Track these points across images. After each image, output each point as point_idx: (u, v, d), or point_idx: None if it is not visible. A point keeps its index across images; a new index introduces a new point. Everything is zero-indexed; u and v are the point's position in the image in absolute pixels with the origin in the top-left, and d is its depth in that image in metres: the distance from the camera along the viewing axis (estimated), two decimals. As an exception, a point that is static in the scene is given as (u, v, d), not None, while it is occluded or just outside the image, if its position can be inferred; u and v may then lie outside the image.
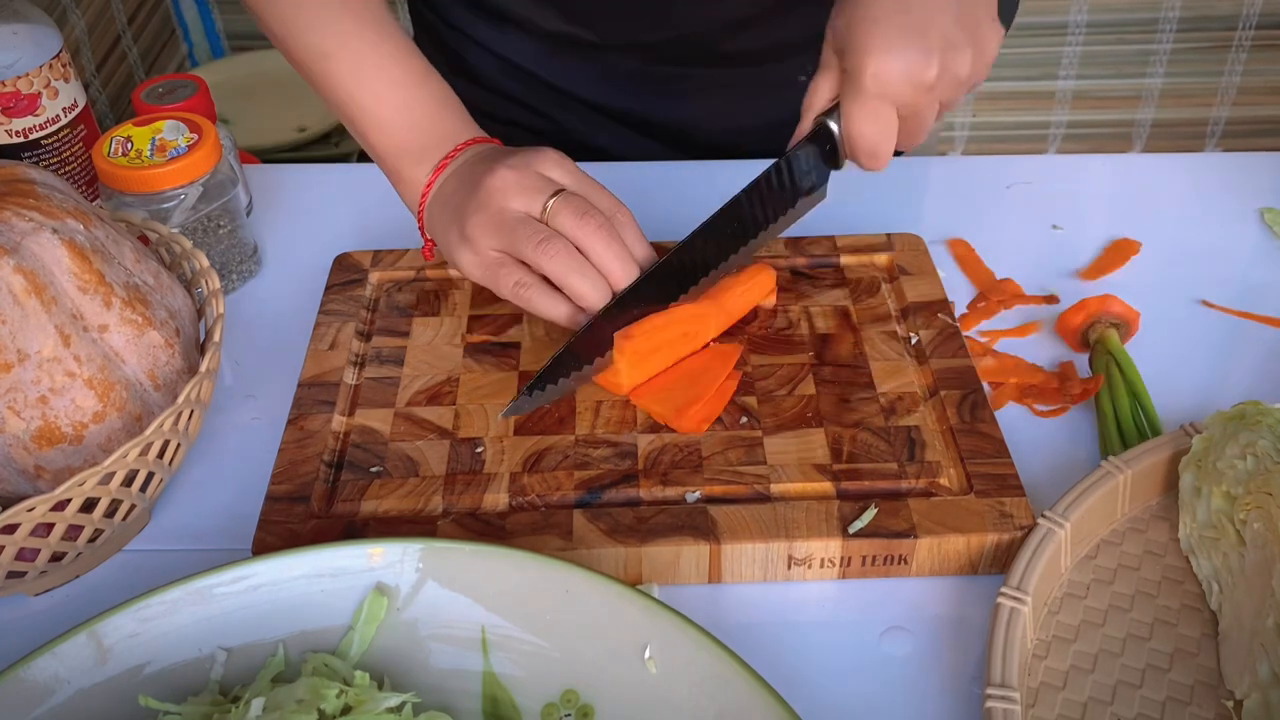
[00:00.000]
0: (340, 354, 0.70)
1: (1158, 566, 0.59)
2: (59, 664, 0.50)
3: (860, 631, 0.58)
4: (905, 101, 0.61)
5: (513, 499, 0.61)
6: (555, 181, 0.65)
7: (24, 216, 0.58)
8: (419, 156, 0.70)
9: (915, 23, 0.59)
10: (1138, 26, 2.07)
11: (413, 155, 0.70)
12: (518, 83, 0.93)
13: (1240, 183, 0.88)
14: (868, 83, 0.60)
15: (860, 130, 0.62)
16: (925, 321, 0.71)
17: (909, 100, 0.61)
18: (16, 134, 0.79)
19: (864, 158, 0.64)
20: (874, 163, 0.64)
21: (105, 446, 0.59)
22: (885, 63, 0.59)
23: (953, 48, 0.60)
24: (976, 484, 0.60)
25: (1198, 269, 0.80)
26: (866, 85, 0.60)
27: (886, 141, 0.62)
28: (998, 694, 0.51)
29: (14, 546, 0.56)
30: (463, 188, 0.67)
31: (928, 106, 0.62)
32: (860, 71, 0.60)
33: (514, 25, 0.90)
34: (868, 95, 0.60)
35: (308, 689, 0.49)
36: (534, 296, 0.65)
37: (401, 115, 0.70)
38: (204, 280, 0.67)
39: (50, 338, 0.57)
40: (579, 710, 0.52)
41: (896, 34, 0.59)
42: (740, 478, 0.61)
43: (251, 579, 0.53)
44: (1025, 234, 0.83)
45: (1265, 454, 0.55)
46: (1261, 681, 0.51)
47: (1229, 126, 2.17)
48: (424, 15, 0.96)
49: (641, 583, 0.59)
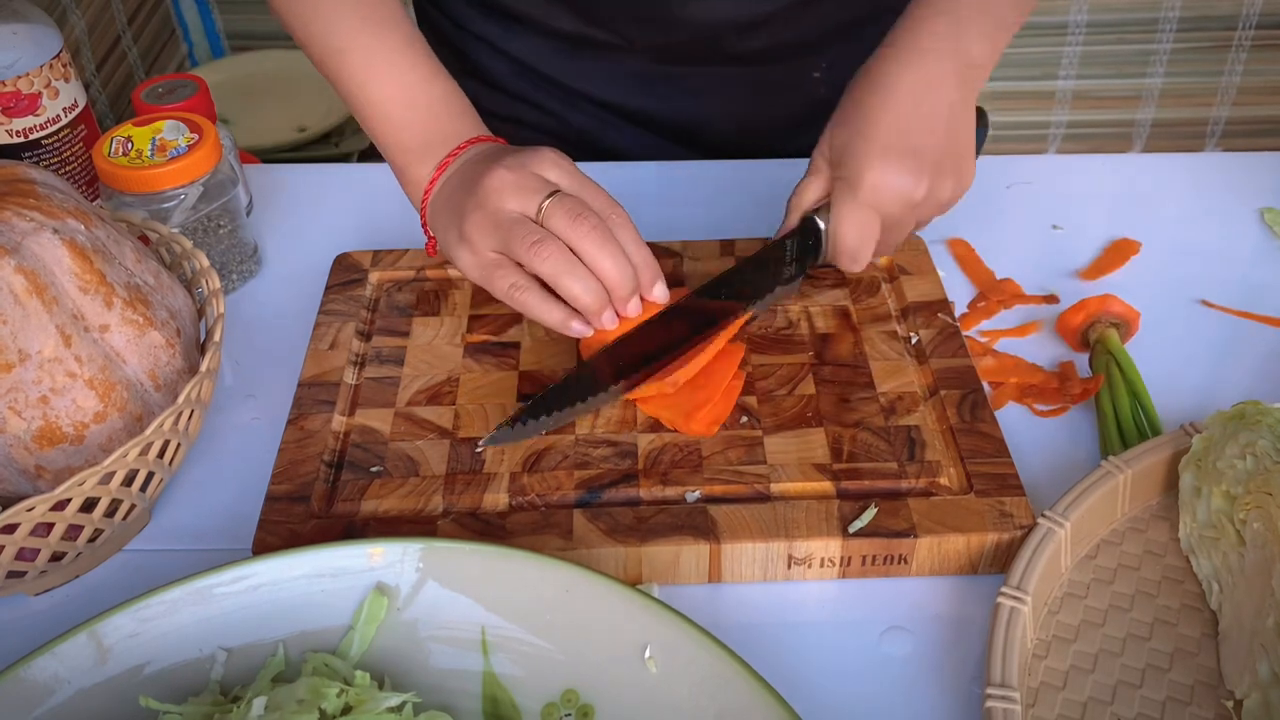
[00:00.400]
0: (340, 354, 0.70)
1: (1158, 566, 0.59)
2: (59, 664, 0.50)
3: (860, 631, 0.58)
4: (892, 214, 0.67)
5: (513, 499, 0.61)
6: (551, 182, 0.65)
7: (25, 216, 0.58)
8: (423, 154, 0.71)
9: (912, 146, 0.66)
10: (1138, 26, 2.07)
11: (417, 153, 0.71)
12: (525, 82, 0.93)
13: (1240, 183, 0.88)
14: (863, 193, 0.66)
15: (848, 234, 0.68)
16: (925, 321, 0.71)
17: (895, 214, 0.67)
18: (16, 134, 0.79)
19: (845, 259, 0.69)
20: (853, 265, 0.69)
21: (106, 446, 0.59)
22: (882, 178, 0.66)
23: (940, 174, 0.67)
24: (976, 484, 0.60)
25: (1198, 269, 0.80)
26: (861, 195, 0.66)
27: (868, 247, 0.68)
28: (998, 694, 0.51)
29: (14, 546, 0.56)
30: (462, 187, 0.67)
31: (909, 222, 0.69)
32: (857, 182, 0.66)
33: (523, 24, 0.90)
34: (860, 204, 0.67)
35: (308, 689, 0.49)
36: (528, 299, 0.65)
37: (407, 113, 0.71)
38: (204, 280, 0.67)
39: (51, 338, 0.57)
40: (579, 710, 0.52)
41: (894, 154, 0.66)
42: (740, 477, 0.61)
43: (251, 579, 0.53)
44: (1025, 234, 0.83)
45: (1265, 454, 0.55)
46: (1261, 681, 0.51)
47: (1229, 126, 2.17)
48: (431, 15, 0.96)
49: (641, 583, 0.60)
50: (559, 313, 0.65)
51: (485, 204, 0.65)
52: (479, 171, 0.66)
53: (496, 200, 0.65)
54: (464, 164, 0.69)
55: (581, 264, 0.64)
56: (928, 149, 0.66)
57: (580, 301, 0.64)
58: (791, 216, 0.71)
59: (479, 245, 0.66)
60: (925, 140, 0.66)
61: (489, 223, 0.65)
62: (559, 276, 0.63)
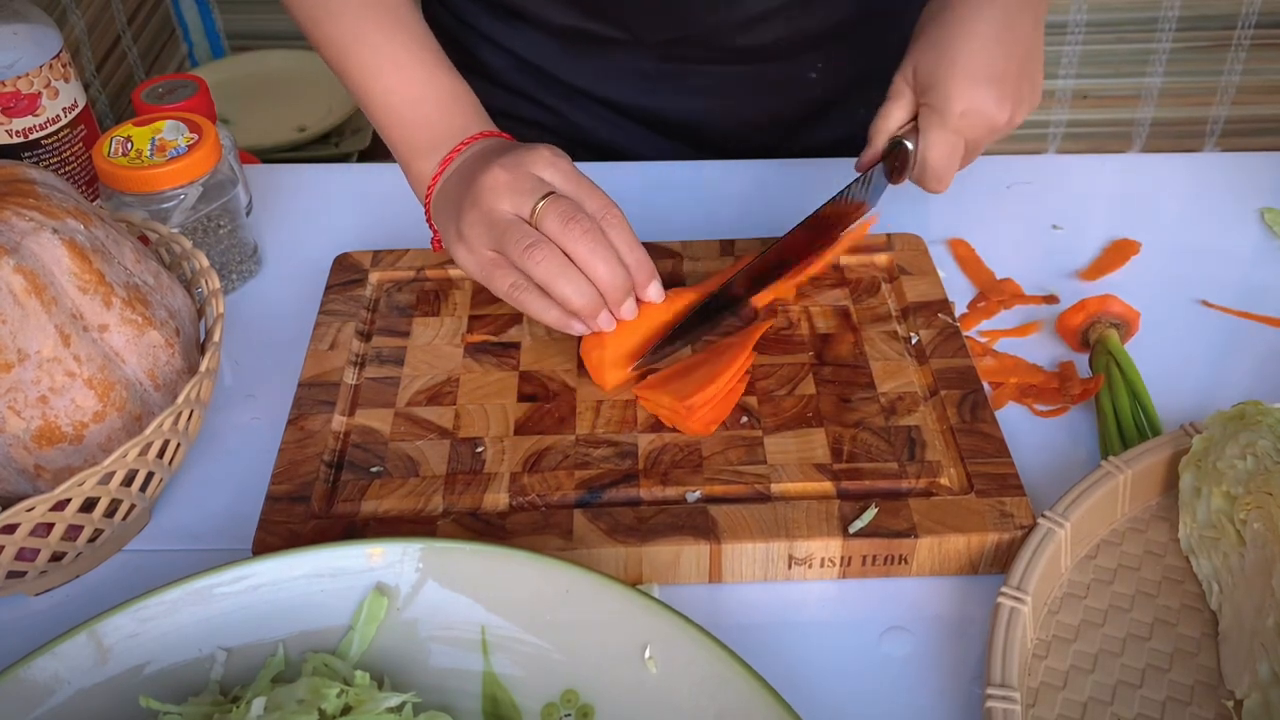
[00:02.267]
0: (340, 354, 0.70)
1: (1158, 566, 0.59)
2: (59, 664, 0.50)
3: (860, 631, 0.58)
4: (976, 139, 0.71)
5: (513, 499, 0.61)
6: (546, 182, 0.65)
7: (24, 216, 0.58)
8: (428, 150, 0.71)
9: (997, 74, 0.68)
10: (1137, 26, 2.07)
11: (422, 149, 0.71)
12: (529, 78, 0.93)
13: (1240, 183, 0.88)
14: (952, 120, 0.69)
15: (938, 159, 0.71)
16: (925, 321, 0.71)
17: (979, 138, 0.71)
18: (16, 134, 0.79)
19: (933, 180, 0.72)
20: (939, 185, 0.72)
21: (105, 446, 0.59)
22: (971, 105, 0.69)
23: (1020, 100, 0.70)
24: (977, 484, 0.60)
25: (1198, 269, 0.80)
26: (950, 123, 0.69)
27: (954, 169, 0.72)
28: (998, 694, 0.51)
29: (14, 546, 0.56)
30: (461, 184, 0.67)
31: (985, 144, 0.72)
32: (946, 110, 0.69)
33: (526, 21, 0.90)
34: (950, 129, 0.70)
35: (308, 689, 0.49)
36: (528, 299, 0.65)
37: (412, 110, 0.71)
38: (204, 280, 0.67)
39: (50, 338, 0.57)
40: (579, 710, 0.52)
41: (981, 82, 0.68)
42: (740, 477, 0.61)
43: (251, 579, 0.53)
44: (1025, 234, 0.83)
45: (1265, 454, 0.55)
46: (1261, 681, 0.51)
47: (1228, 125, 2.17)
48: (434, 10, 0.96)
49: (641, 583, 0.60)
50: (556, 312, 0.65)
51: (480, 203, 0.65)
52: (476, 170, 0.66)
53: (491, 200, 0.65)
54: (466, 160, 0.69)
55: (574, 267, 0.64)
56: (1010, 76, 0.69)
57: (573, 305, 0.64)
58: (877, 140, 0.73)
59: (475, 245, 0.66)
60: (1008, 67, 0.69)
61: (484, 223, 0.65)
62: (552, 280, 0.63)
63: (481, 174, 0.65)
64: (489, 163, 0.66)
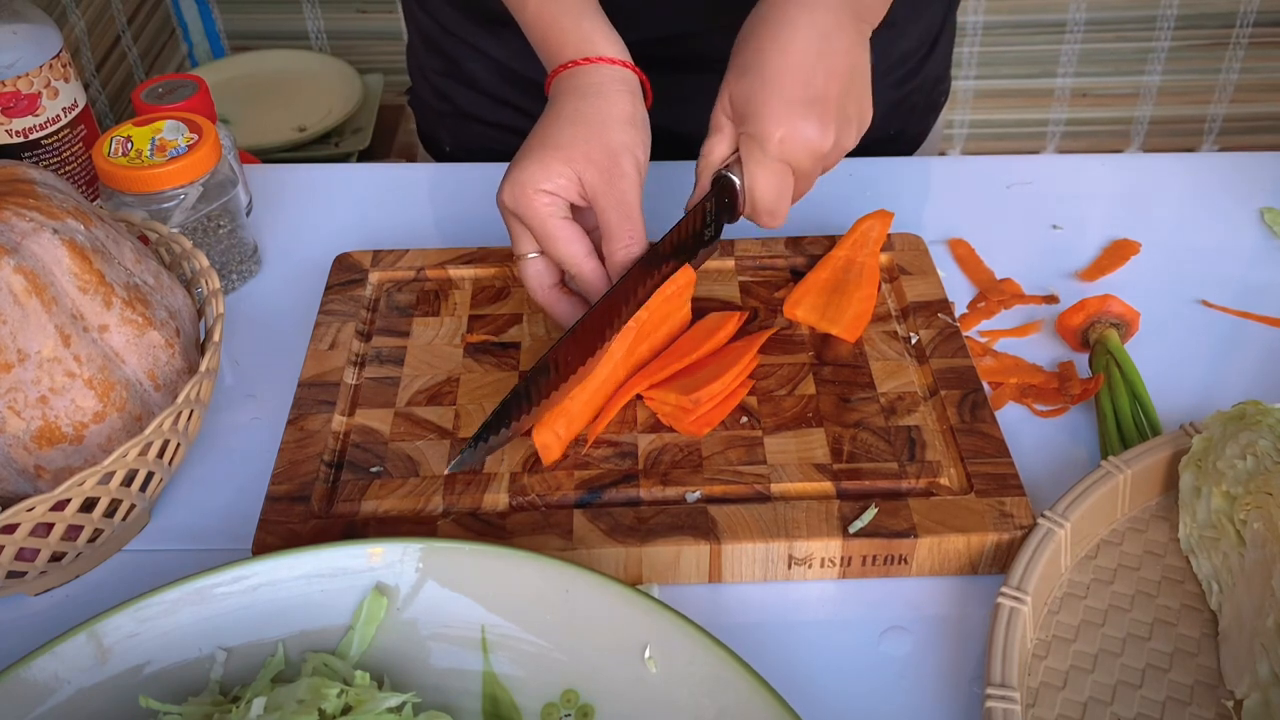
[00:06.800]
0: (340, 354, 0.70)
1: (1158, 566, 0.59)
2: (59, 664, 0.50)
3: (860, 631, 0.58)
4: (802, 167, 0.65)
5: (513, 499, 0.61)
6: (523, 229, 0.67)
7: (24, 216, 0.58)
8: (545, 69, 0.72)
9: (817, 95, 0.64)
10: (1136, 24, 2.08)
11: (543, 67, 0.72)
12: (508, 85, 0.93)
13: (1240, 182, 0.88)
14: (773, 148, 0.64)
15: (765, 192, 0.66)
16: (925, 321, 0.71)
17: (805, 166, 0.65)
18: (16, 134, 0.79)
19: (764, 216, 0.67)
20: (772, 220, 0.67)
21: (105, 446, 0.59)
22: (791, 131, 0.64)
23: (846, 121, 0.65)
24: (977, 484, 0.60)
25: (1198, 269, 0.80)
26: (771, 150, 0.64)
27: (785, 201, 0.67)
28: (998, 694, 0.51)
29: (14, 546, 0.56)
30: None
31: (816, 172, 0.67)
32: (766, 137, 0.64)
33: (510, 29, 0.90)
34: (771, 159, 0.65)
35: (308, 689, 0.49)
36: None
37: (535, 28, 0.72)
38: (204, 280, 0.67)
39: (50, 338, 0.57)
40: (579, 710, 0.52)
41: (800, 105, 0.63)
42: (740, 477, 0.61)
43: (251, 579, 0.53)
44: (1025, 234, 0.83)
45: (1265, 454, 0.55)
46: (1261, 681, 0.51)
47: (1226, 124, 2.17)
48: (420, 20, 0.96)
49: (641, 583, 0.60)
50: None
51: (501, 200, 0.67)
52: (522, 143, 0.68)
53: (502, 208, 0.68)
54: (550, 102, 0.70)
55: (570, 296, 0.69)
56: (831, 97, 0.64)
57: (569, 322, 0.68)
58: (703, 179, 0.69)
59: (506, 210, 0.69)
60: (829, 87, 0.64)
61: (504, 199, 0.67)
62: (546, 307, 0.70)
63: (508, 173, 0.67)
64: (514, 163, 0.67)
